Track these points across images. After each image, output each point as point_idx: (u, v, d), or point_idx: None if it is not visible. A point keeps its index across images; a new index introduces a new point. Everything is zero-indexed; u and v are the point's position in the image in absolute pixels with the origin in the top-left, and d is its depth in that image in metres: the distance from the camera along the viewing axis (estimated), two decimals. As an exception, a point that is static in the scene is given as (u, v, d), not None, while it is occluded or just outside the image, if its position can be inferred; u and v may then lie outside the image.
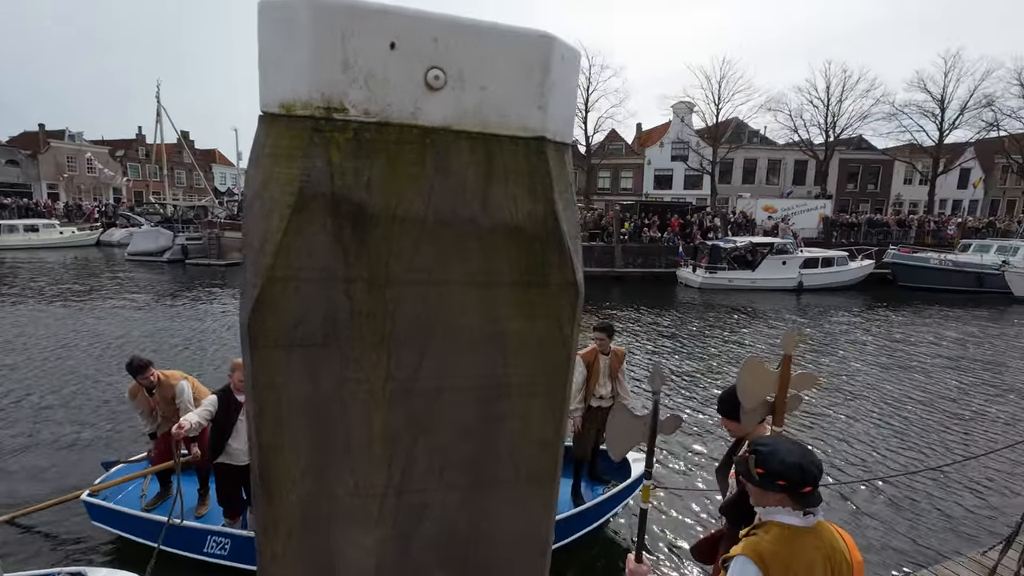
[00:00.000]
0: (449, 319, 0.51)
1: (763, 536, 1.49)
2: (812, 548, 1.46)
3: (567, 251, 0.53)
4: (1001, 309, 17.69)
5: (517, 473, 0.57)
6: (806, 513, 1.49)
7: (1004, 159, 35.92)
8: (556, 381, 0.56)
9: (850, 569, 1.48)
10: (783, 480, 1.47)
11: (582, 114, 33.80)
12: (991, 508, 5.40)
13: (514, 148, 0.50)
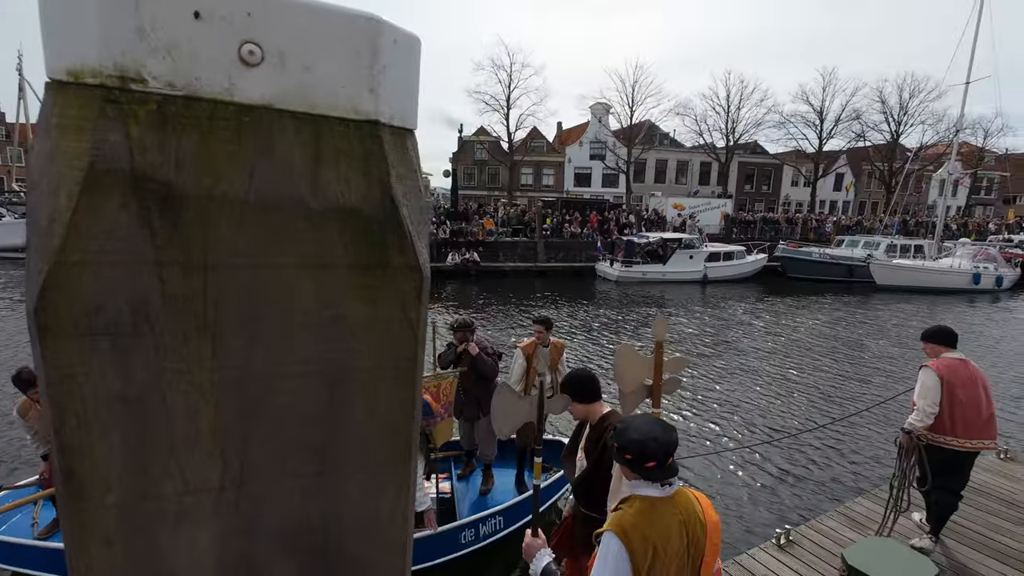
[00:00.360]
0: (282, 304, 0.49)
1: (626, 510, 1.58)
2: (669, 516, 1.56)
3: (408, 234, 0.53)
4: (867, 296, 20.36)
5: (368, 459, 0.57)
6: (663, 484, 1.58)
7: (869, 166, 41.26)
8: (405, 365, 0.56)
9: (703, 529, 1.60)
10: (628, 455, 1.57)
11: (503, 111, 34.00)
12: (854, 465, 6.22)
13: (345, 130, 0.50)
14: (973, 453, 3.41)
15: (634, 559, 1.49)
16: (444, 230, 24.16)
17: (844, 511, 4.16)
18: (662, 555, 1.51)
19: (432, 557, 3.86)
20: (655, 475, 1.57)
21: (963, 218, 39.94)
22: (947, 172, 26.88)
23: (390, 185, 0.51)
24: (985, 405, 3.35)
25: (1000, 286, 22.72)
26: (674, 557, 1.53)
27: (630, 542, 1.50)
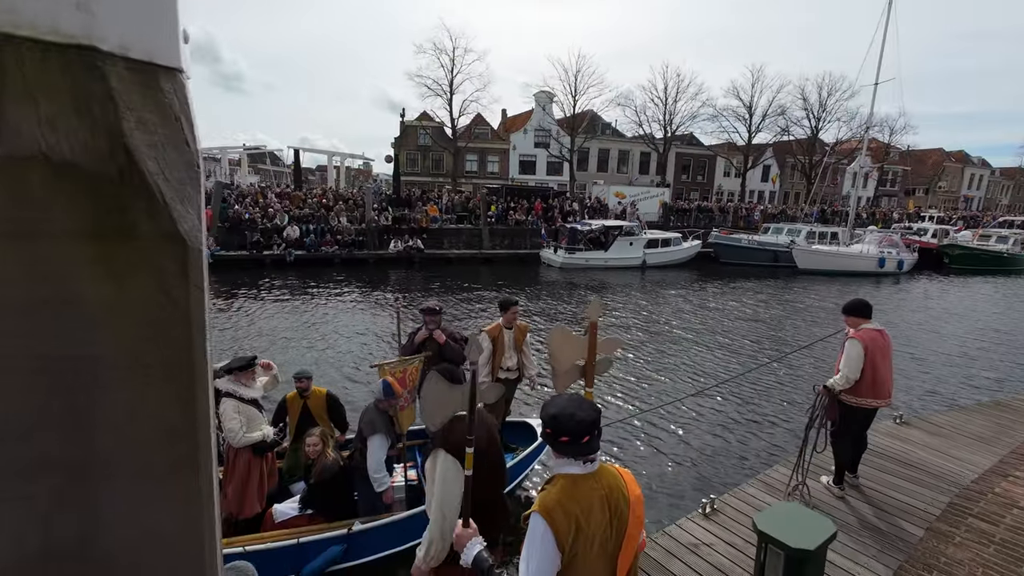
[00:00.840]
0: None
1: (550, 490, 1.64)
2: (591, 491, 1.61)
3: (158, 196, 0.42)
4: (789, 279, 21.83)
5: (133, 470, 0.46)
6: (585, 461, 1.63)
7: (792, 159, 44.06)
8: (177, 357, 0.46)
9: (627, 502, 1.66)
10: (548, 429, 1.63)
11: (446, 96, 33.31)
12: (771, 436, 6.65)
13: (41, 56, 0.38)
14: (876, 409, 3.88)
15: (558, 535, 1.54)
16: (387, 216, 23.45)
17: (763, 478, 4.41)
18: (584, 528, 1.56)
19: (407, 540, 3.78)
20: (569, 450, 1.61)
21: (872, 208, 43.59)
22: (859, 166, 29.17)
23: (123, 133, 0.40)
24: (891, 370, 3.83)
25: (901, 269, 25.06)
26: (597, 529, 1.59)
27: (553, 519, 1.55)
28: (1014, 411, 5.63)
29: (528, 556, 1.60)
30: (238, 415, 3.71)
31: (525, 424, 5.55)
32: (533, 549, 1.59)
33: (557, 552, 1.55)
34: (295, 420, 4.35)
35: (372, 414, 3.82)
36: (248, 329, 11.09)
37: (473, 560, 1.79)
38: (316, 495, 3.91)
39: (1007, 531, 3.37)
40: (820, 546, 2.25)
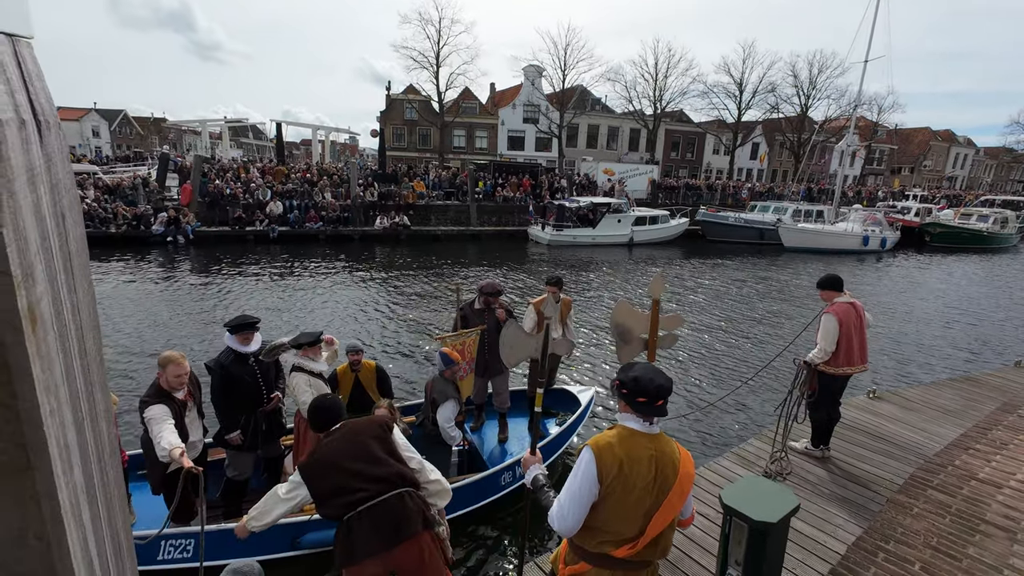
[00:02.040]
0: None
1: (606, 433, 1.86)
2: (642, 447, 1.79)
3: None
4: (775, 257, 22.04)
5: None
6: (648, 421, 1.83)
7: (781, 137, 43.94)
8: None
9: (675, 473, 1.81)
10: (625, 389, 1.83)
11: (433, 69, 32.49)
12: (748, 412, 6.79)
13: None
14: (849, 376, 4.07)
15: (600, 469, 1.74)
16: (372, 192, 23.08)
17: (738, 451, 4.51)
18: (627, 474, 1.74)
19: (482, 498, 4.18)
20: (643, 409, 1.80)
21: (858, 186, 43.86)
22: (846, 144, 29.21)
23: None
24: (864, 338, 4.00)
25: (884, 247, 25.40)
26: (638, 481, 1.75)
27: (600, 454, 1.76)
28: (982, 386, 5.79)
29: (571, 480, 1.80)
30: (310, 388, 3.81)
31: (567, 392, 5.93)
32: (576, 475, 1.79)
33: (596, 483, 1.75)
34: (347, 393, 4.49)
35: (441, 383, 4.16)
36: (229, 306, 10.95)
37: (532, 480, 2.11)
38: None
39: (963, 502, 3.49)
40: (782, 519, 2.30)
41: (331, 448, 2.45)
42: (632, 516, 1.78)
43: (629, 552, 1.79)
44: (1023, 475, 3.84)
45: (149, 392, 3.31)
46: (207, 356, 8.03)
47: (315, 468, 2.41)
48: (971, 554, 2.98)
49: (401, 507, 2.35)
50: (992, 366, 8.28)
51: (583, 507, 1.77)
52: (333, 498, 2.35)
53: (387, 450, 2.50)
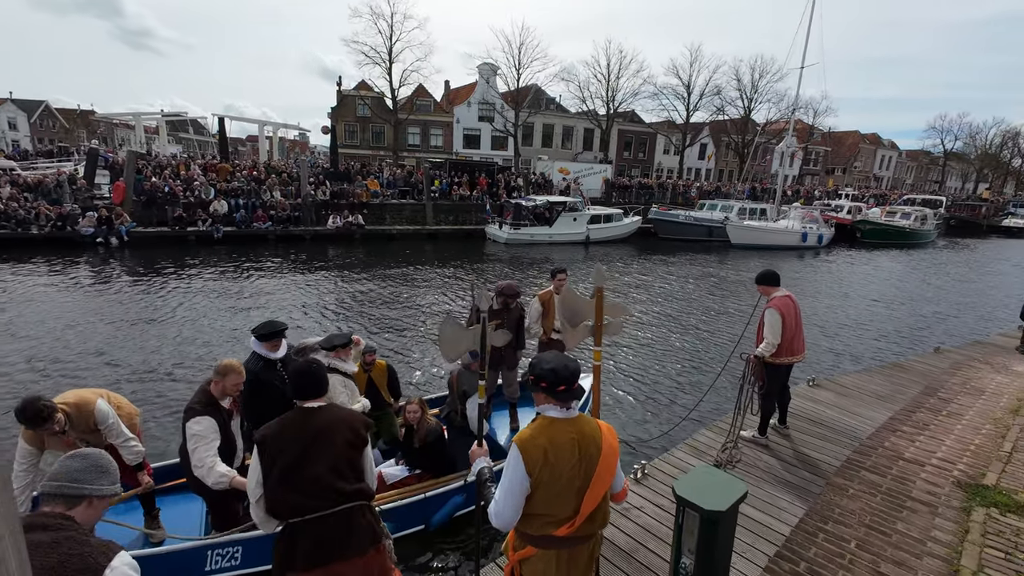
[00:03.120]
0: None
1: (529, 426, 1.94)
2: (564, 432, 1.89)
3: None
4: (723, 253, 23.02)
5: None
6: (566, 407, 1.93)
7: (727, 138, 45.92)
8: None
9: (599, 450, 1.91)
10: (544, 382, 1.90)
11: (385, 65, 31.81)
12: (700, 404, 7.05)
13: None
14: (792, 364, 4.35)
15: (527, 463, 1.83)
16: (324, 191, 22.38)
17: (690, 443, 4.67)
18: (553, 461, 1.84)
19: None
20: (564, 396, 1.90)
21: (797, 186, 46.45)
22: (786, 146, 30.89)
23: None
24: (802, 328, 4.29)
25: (821, 243, 27.06)
26: (564, 465, 1.86)
27: (525, 449, 1.85)
28: (907, 371, 6.27)
29: (504, 477, 1.89)
30: (345, 389, 3.87)
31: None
32: (507, 472, 1.87)
33: (526, 476, 1.83)
34: (361, 392, 4.50)
35: (468, 376, 4.37)
36: (172, 312, 10.33)
37: (478, 472, 2.23)
38: (423, 455, 4.32)
39: (893, 481, 3.78)
40: (732, 506, 2.41)
41: (298, 432, 2.19)
42: (565, 498, 1.89)
43: (569, 530, 1.91)
44: (942, 453, 4.19)
45: (197, 400, 3.22)
46: (148, 365, 7.58)
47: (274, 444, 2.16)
48: (899, 529, 3.23)
49: (352, 523, 2.22)
50: (916, 352, 8.97)
51: (517, 501, 1.87)
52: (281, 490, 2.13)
53: (355, 463, 2.28)
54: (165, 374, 7.26)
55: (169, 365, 7.63)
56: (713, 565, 2.47)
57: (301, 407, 2.25)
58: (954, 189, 65.77)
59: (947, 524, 3.28)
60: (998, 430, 4.54)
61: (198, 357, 7.99)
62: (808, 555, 3.01)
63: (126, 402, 3.68)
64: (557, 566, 1.97)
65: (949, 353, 6.98)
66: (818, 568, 2.91)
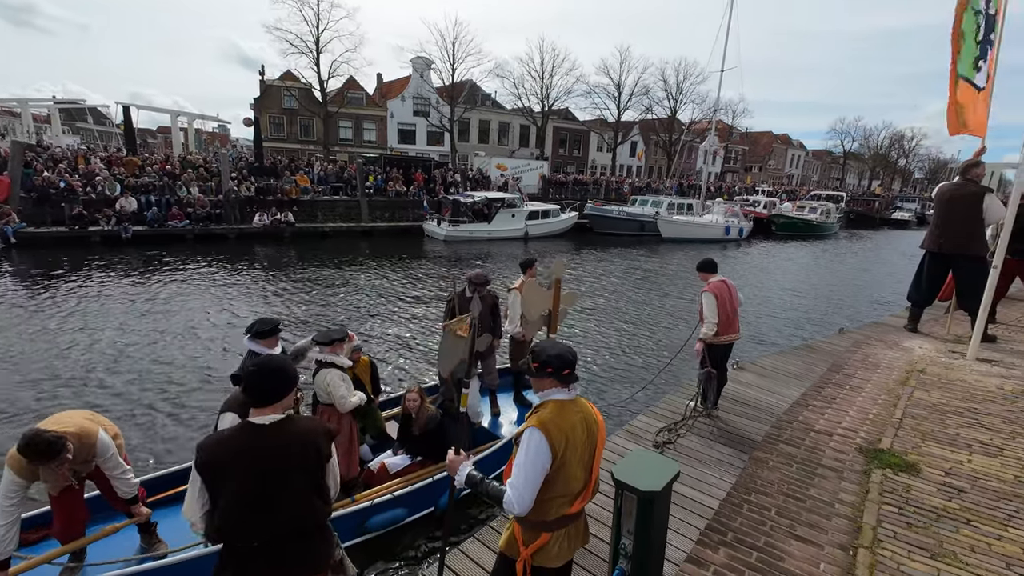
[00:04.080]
0: None
1: (543, 411, 2.02)
2: (573, 413, 2.03)
3: None
4: (655, 247, 24.10)
5: None
6: (570, 389, 2.06)
7: (655, 136, 48.04)
8: None
9: (597, 424, 2.11)
10: (551, 367, 2.01)
11: (313, 55, 30.36)
12: (634, 389, 7.36)
13: None
14: (729, 344, 4.72)
15: (552, 445, 1.92)
16: (248, 187, 21.05)
17: (628, 428, 4.82)
18: (572, 442, 1.97)
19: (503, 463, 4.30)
20: (568, 379, 2.03)
21: (719, 182, 49.49)
22: (708, 144, 32.78)
23: None
24: (735, 309, 4.69)
25: (742, 236, 29.05)
26: (579, 444, 2.00)
27: (549, 433, 1.92)
28: (816, 352, 6.88)
29: (524, 463, 1.92)
30: (343, 382, 3.93)
31: None
32: (528, 455, 1.92)
33: (550, 459, 1.92)
34: None
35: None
36: (82, 319, 9.31)
37: (466, 479, 2.15)
38: (423, 443, 4.45)
39: (805, 451, 4.15)
40: (666, 486, 2.53)
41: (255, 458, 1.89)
42: (579, 474, 2.04)
43: (582, 503, 2.07)
44: (847, 423, 4.65)
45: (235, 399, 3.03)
46: (40, 380, 6.79)
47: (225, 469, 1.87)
48: (812, 495, 3.55)
49: (311, 544, 2.06)
50: (824, 334, 9.86)
51: (538, 484, 1.94)
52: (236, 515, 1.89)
53: (317, 482, 2.06)
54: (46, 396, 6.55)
55: (67, 378, 6.90)
56: (650, 543, 2.58)
57: (253, 424, 1.94)
58: (852, 186, 72.77)
59: (851, 487, 3.64)
60: (891, 399, 5.09)
61: (105, 368, 7.28)
62: (734, 525, 3.24)
63: (111, 424, 3.39)
64: (569, 543, 2.11)
65: (851, 334, 7.73)
66: (743, 536, 3.14)
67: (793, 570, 2.83)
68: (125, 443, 3.53)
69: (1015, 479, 3.65)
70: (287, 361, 2.11)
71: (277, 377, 1.98)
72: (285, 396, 2.00)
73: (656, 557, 2.63)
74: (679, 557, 2.97)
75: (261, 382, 1.96)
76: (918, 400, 5.03)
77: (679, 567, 2.90)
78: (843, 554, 2.95)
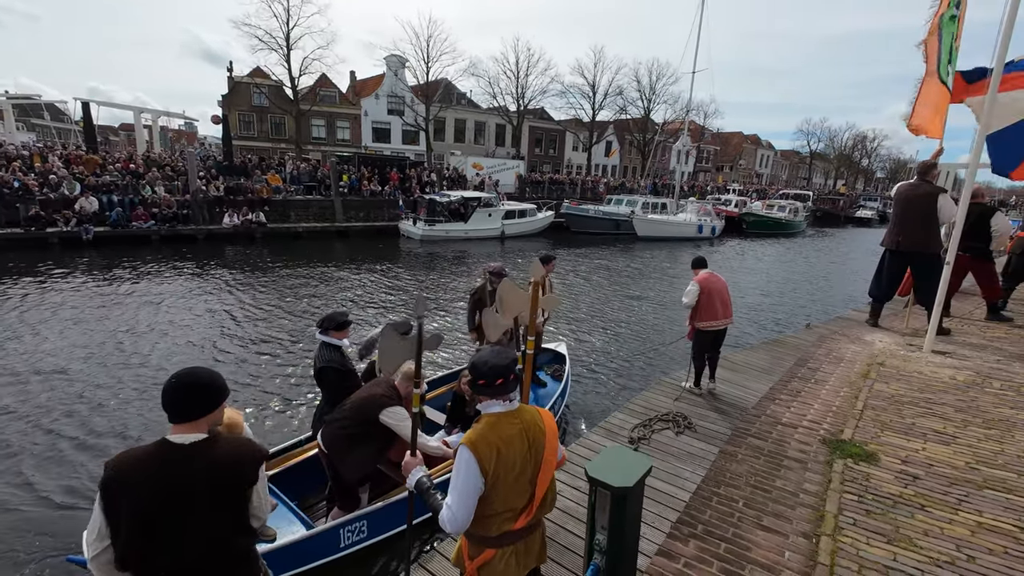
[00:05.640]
0: None
1: (476, 427, 1.94)
2: (511, 425, 1.93)
3: None
4: (630, 245, 24.44)
5: None
6: (508, 400, 1.97)
7: (630, 136, 48.67)
8: None
9: (543, 434, 2.00)
10: (483, 380, 1.92)
11: (283, 51, 29.73)
12: (607, 387, 7.48)
13: None
14: (722, 330, 5.29)
15: (480, 461, 1.84)
16: (217, 187, 20.50)
17: (604, 425, 4.88)
18: (506, 457, 1.88)
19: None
20: (503, 388, 1.93)
21: (692, 182, 50.44)
22: (681, 144, 33.38)
23: None
24: (725, 299, 5.21)
25: (714, 234, 29.69)
26: (517, 457, 1.91)
27: (477, 450, 1.84)
28: (784, 346, 7.10)
29: (455, 480, 1.87)
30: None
31: (555, 352, 7.22)
32: (459, 475, 1.86)
33: (480, 477, 1.84)
34: None
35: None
36: (45, 327, 8.93)
37: (416, 483, 2.12)
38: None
39: (773, 444, 4.29)
40: (638, 481, 2.59)
41: (164, 480, 1.68)
42: (521, 488, 1.94)
43: (527, 519, 1.98)
44: (811, 415, 4.82)
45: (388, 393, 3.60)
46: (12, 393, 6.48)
47: (130, 490, 1.66)
48: (778, 485, 3.67)
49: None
50: (792, 329, 10.18)
51: (471, 503, 1.86)
52: (139, 546, 1.68)
53: (233, 516, 1.82)
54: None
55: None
56: (624, 538, 2.63)
57: (169, 443, 1.73)
58: (819, 185, 75.16)
59: (815, 476, 3.79)
60: (853, 392, 5.30)
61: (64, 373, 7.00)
62: (704, 517, 3.33)
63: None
64: (516, 560, 2.01)
65: (817, 328, 8.00)
66: (712, 528, 3.23)
67: (759, 559, 2.94)
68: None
69: (966, 465, 3.85)
70: (214, 375, 1.86)
71: (200, 391, 1.79)
72: (209, 412, 1.80)
73: (630, 552, 2.69)
74: (651, 550, 3.04)
75: (182, 396, 1.75)
76: (878, 392, 5.25)
77: (651, 560, 2.97)
78: (807, 542, 3.07)
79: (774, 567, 2.88)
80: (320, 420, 3.97)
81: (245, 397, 6.60)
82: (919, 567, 2.83)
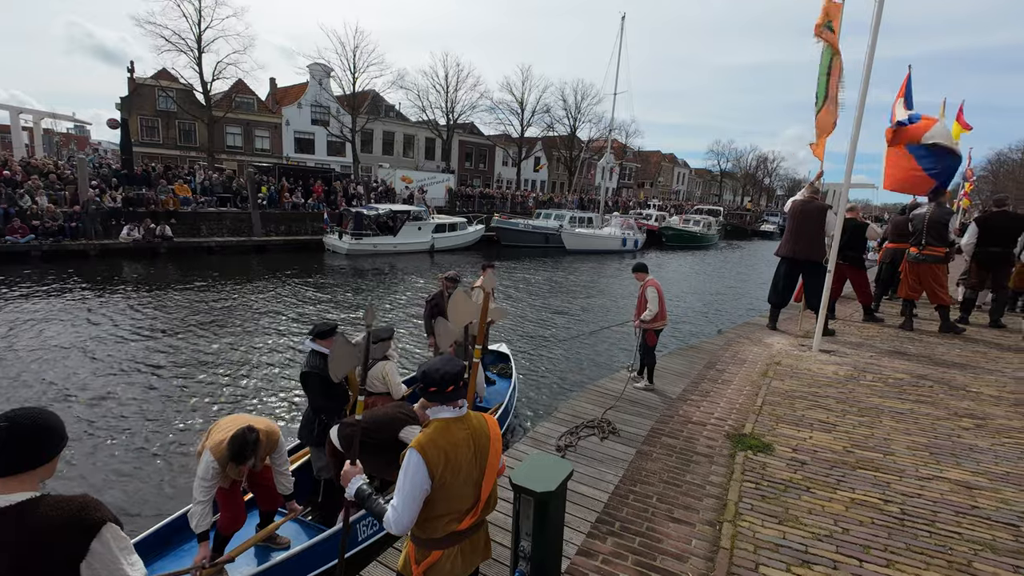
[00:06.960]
0: None
1: (426, 431, 2.00)
2: (459, 431, 2.02)
3: None
4: (559, 258, 25.16)
5: None
6: (457, 406, 2.05)
7: (557, 152, 50.41)
8: None
9: (488, 440, 2.10)
10: (434, 387, 1.99)
11: (193, 53, 27.86)
12: (541, 394, 7.65)
13: None
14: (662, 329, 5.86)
15: (428, 465, 1.90)
16: (113, 197, 18.68)
17: (532, 435, 4.98)
18: (453, 461, 1.95)
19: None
20: (453, 395, 2.01)
21: (615, 197, 52.99)
22: (605, 162, 35.06)
23: None
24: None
25: (637, 246, 31.34)
26: (463, 461, 1.98)
27: (426, 454, 1.90)
28: (697, 351, 7.65)
29: (402, 482, 1.91)
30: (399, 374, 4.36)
31: (498, 352, 7.74)
32: (406, 477, 1.91)
33: (428, 480, 1.91)
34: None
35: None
36: None
37: (355, 492, 2.14)
38: None
39: (683, 442, 4.61)
40: (560, 485, 2.69)
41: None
42: (466, 491, 2.03)
43: (472, 520, 2.07)
44: (718, 413, 5.24)
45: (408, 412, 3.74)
46: None
47: None
48: (687, 480, 3.95)
49: None
50: (705, 335, 10.97)
51: (417, 505, 1.93)
52: None
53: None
54: None
55: None
56: (548, 542, 2.72)
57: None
58: (729, 201, 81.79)
59: (720, 469, 4.11)
60: (753, 390, 5.82)
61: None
62: (621, 515, 3.51)
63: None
64: (462, 559, 2.10)
65: (726, 333, 8.70)
66: (628, 524, 3.41)
67: (670, 549, 3.14)
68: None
69: (843, 449, 4.36)
70: (52, 417, 1.48)
71: (34, 439, 1.39)
72: (41, 464, 1.43)
73: (554, 555, 2.77)
74: (571, 551, 3.16)
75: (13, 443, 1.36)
76: (774, 388, 5.81)
77: (571, 560, 3.08)
78: (711, 529, 3.33)
79: (682, 555, 3.09)
80: (307, 426, 4.16)
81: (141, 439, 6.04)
82: (804, 542, 3.16)
